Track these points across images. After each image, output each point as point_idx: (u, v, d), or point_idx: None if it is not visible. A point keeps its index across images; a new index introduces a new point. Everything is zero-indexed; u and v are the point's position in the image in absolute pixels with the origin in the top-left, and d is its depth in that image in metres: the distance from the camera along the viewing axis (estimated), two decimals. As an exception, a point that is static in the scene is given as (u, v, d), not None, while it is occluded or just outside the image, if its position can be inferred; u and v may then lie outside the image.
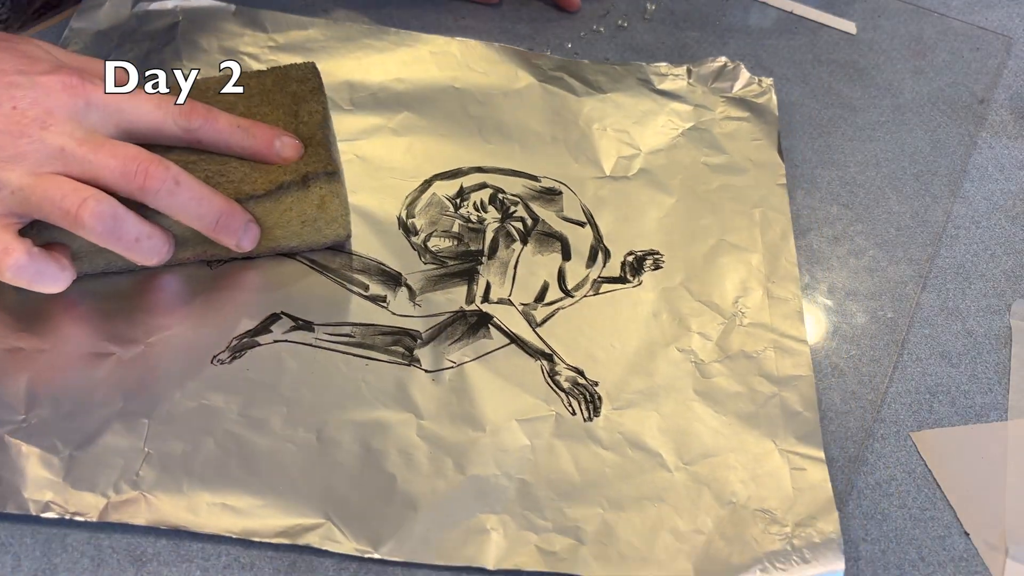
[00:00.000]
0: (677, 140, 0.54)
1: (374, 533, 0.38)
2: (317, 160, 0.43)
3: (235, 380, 0.41)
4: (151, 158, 0.39)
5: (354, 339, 0.44)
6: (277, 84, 0.46)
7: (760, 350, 0.45)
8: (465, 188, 0.50)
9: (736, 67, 0.57)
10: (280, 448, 0.40)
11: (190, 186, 0.40)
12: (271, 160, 0.43)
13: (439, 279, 0.46)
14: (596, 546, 0.38)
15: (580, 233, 0.49)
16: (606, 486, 0.40)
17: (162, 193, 0.39)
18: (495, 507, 0.39)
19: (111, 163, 0.39)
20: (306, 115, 0.45)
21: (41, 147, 0.38)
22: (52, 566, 0.36)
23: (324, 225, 0.45)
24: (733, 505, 0.40)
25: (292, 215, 0.44)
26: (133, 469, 0.38)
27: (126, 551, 0.37)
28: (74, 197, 0.38)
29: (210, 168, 0.42)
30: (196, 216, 0.41)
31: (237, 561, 0.37)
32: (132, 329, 0.42)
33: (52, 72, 0.40)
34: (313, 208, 0.44)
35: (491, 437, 0.41)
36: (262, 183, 0.42)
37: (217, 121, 0.42)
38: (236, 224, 0.42)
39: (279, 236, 0.45)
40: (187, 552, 0.37)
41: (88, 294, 0.43)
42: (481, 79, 0.56)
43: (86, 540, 0.37)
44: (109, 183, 0.39)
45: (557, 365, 0.44)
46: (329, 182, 0.43)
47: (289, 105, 0.45)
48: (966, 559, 0.41)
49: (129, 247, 0.40)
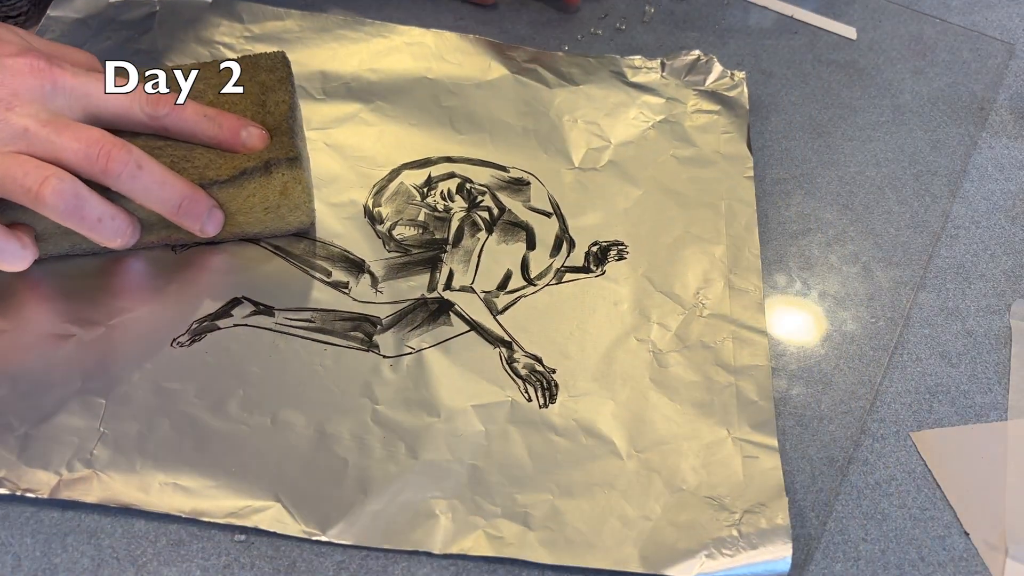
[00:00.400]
0: (647, 132, 0.54)
1: (323, 516, 0.38)
2: (280, 147, 0.44)
3: (194, 363, 0.42)
4: (114, 141, 0.40)
5: (314, 324, 0.44)
6: (246, 73, 0.47)
7: (719, 340, 0.45)
8: (433, 177, 0.51)
9: (709, 60, 0.57)
10: (234, 430, 0.40)
11: (152, 170, 0.41)
12: (237, 150, 0.43)
13: (402, 267, 0.47)
14: (543, 532, 0.38)
15: (546, 223, 0.50)
16: (557, 472, 0.40)
17: (124, 176, 0.40)
18: (445, 492, 0.39)
19: (74, 145, 0.39)
20: (273, 105, 0.45)
21: (4, 127, 0.38)
22: (52, 566, 0.37)
23: (287, 212, 0.45)
24: (683, 492, 0.40)
25: (255, 201, 0.44)
26: (87, 448, 0.39)
27: (126, 551, 0.37)
28: (36, 175, 0.38)
29: (176, 154, 0.43)
30: (158, 200, 0.41)
31: (237, 561, 0.37)
32: (93, 311, 0.43)
33: (20, 55, 0.40)
34: (276, 195, 0.44)
35: (446, 423, 0.41)
36: (226, 169, 0.43)
37: (184, 110, 0.43)
38: (199, 209, 0.42)
39: (242, 222, 0.45)
40: (187, 552, 0.37)
41: (50, 275, 0.44)
42: (454, 70, 0.56)
43: (86, 540, 0.37)
44: (72, 164, 0.39)
45: (516, 352, 0.44)
46: (291, 168, 0.43)
47: (257, 95, 0.46)
48: (966, 559, 0.41)
49: (92, 227, 0.40)
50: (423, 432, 0.41)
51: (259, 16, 0.57)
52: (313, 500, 0.38)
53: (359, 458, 0.40)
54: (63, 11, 0.55)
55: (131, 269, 0.45)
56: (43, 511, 0.38)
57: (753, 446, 0.42)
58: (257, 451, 0.40)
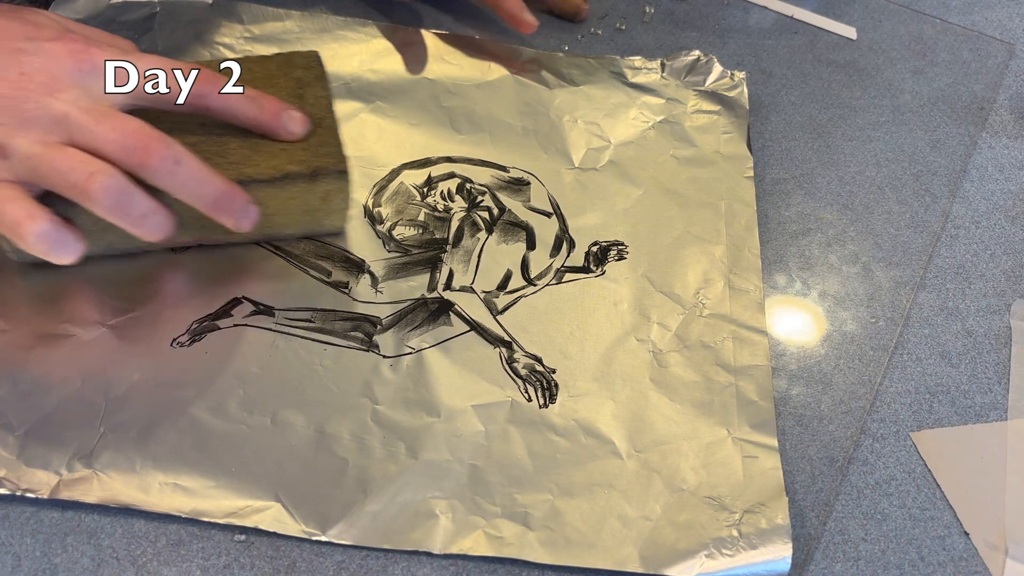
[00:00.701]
0: (647, 133, 0.54)
1: (323, 516, 0.38)
2: (328, 155, 0.43)
3: (194, 363, 0.42)
4: (152, 134, 0.39)
5: (314, 324, 0.44)
6: (281, 69, 0.46)
7: (719, 340, 0.45)
8: (433, 177, 0.51)
9: (709, 60, 0.57)
10: (234, 430, 0.40)
11: (190, 166, 0.40)
12: (277, 133, 0.43)
13: (402, 267, 0.47)
14: (543, 531, 0.38)
15: (546, 223, 0.50)
16: (557, 472, 0.40)
17: (162, 171, 0.39)
18: (445, 492, 0.39)
19: (112, 136, 0.38)
20: (312, 99, 0.45)
21: (46, 113, 0.38)
22: (52, 566, 0.37)
23: (324, 216, 0.45)
24: (683, 492, 0.40)
25: (295, 203, 0.44)
26: (87, 448, 0.39)
27: (126, 551, 0.37)
28: (82, 170, 0.38)
29: (210, 149, 0.42)
30: (195, 195, 0.40)
31: (237, 561, 0.37)
32: (93, 311, 0.43)
33: (58, 39, 0.40)
34: (317, 200, 0.44)
35: (446, 423, 0.41)
36: (267, 168, 0.42)
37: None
38: (235, 205, 0.41)
39: (278, 223, 0.45)
40: (187, 552, 0.37)
41: (50, 276, 0.44)
42: (454, 70, 0.56)
43: (86, 540, 0.37)
44: (110, 155, 0.38)
45: (516, 352, 0.44)
46: (338, 180, 0.44)
47: (293, 88, 0.46)
48: (966, 559, 0.41)
49: (136, 223, 0.39)
50: (423, 432, 0.41)
51: (259, 17, 0.57)
52: (313, 500, 0.38)
53: (359, 458, 0.40)
54: (63, 11, 0.54)
55: (131, 270, 0.45)
56: (43, 511, 0.38)
57: (753, 446, 0.42)
58: (257, 451, 0.40)
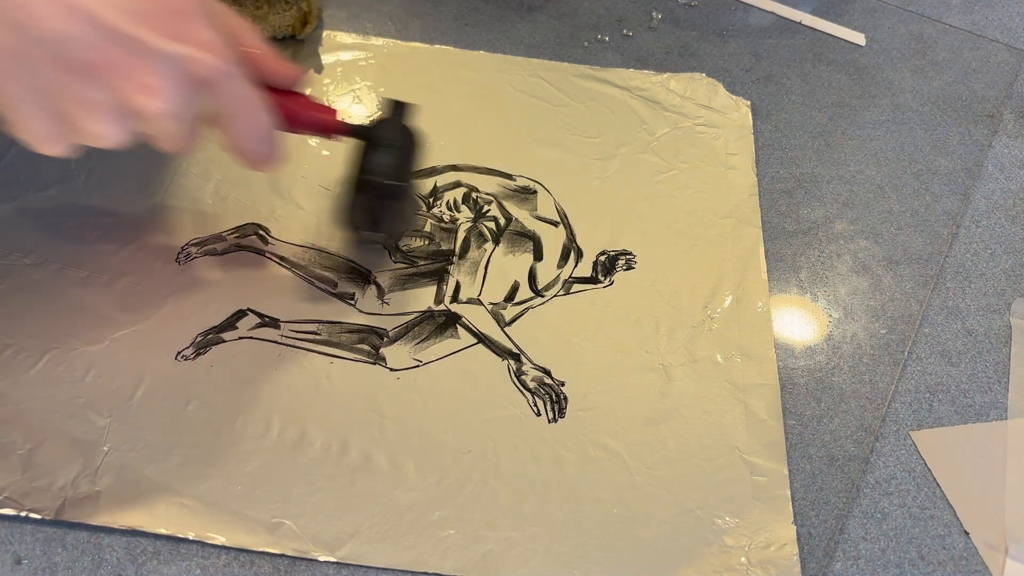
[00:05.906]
0: (654, 145, 0.54)
1: (331, 536, 0.38)
2: None
3: (198, 377, 0.41)
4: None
5: (320, 336, 0.43)
6: None
7: (727, 357, 0.45)
8: (439, 187, 0.50)
9: (714, 85, 0.57)
10: (240, 447, 0.39)
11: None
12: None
13: (408, 278, 0.46)
14: (551, 548, 0.38)
15: (553, 232, 0.49)
16: (567, 488, 0.40)
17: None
18: (453, 511, 0.39)
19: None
20: None
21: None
22: (52, 565, 0.36)
23: None
24: (692, 513, 0.40)
25: None
26: (92, 467, 0.38)
27: (126, 551, 0.37)
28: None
29: None
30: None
31: (237, 560, 0.37)
32: (97, 326, 0.42)
33: None
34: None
35: (454, 438, 0.41)
36: None
37: None
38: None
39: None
40: (187, 551, 0.37)
41: (53, 288, 0.43)
42: (461, 82, 0.56)
43: (86, 540, 0.37)
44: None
45: (524, 365, 0.44)
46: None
47: None
48: (966, 558, 0.41)
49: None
50: (431, 448, 0.40)
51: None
52: (320, 520, 0.38)
53: (367, 475, 0.39)
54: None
55: (132, 283, 0.44)
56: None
57: (762, 466, 0.41)
58: (263, 468, 0.39)
